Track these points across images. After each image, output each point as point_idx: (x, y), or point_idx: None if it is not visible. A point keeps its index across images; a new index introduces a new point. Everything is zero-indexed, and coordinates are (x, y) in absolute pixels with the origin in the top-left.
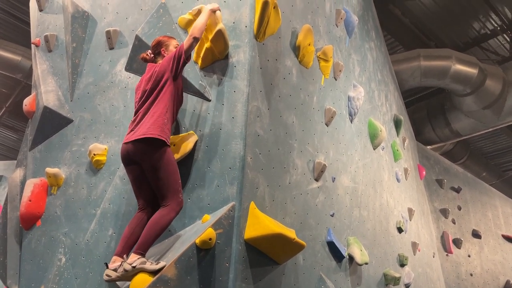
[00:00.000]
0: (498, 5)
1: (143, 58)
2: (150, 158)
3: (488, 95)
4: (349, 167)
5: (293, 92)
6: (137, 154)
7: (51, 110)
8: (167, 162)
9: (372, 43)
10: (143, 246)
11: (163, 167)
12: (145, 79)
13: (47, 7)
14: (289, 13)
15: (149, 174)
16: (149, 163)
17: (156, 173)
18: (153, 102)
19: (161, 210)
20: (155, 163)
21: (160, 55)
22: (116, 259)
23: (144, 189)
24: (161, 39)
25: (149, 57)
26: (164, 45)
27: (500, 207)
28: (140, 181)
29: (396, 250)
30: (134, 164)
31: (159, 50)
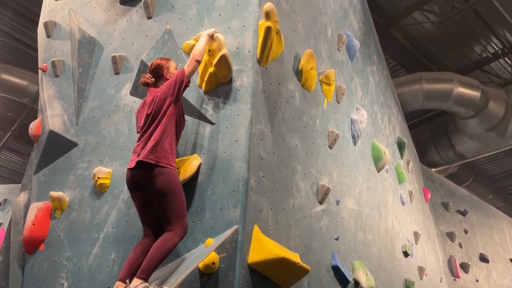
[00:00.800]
0: (499, 29)
1: (145, 83)
2: (155, 183)
3: (491, 117)
4: (353, 189)
5: (296, 115)
6: (143, 179)
7: (57, 134)
8: (173, 186)
9: (374, 66)
10: (147, 270)
11: (169, 191)
12: (147, 103)
13: (54, 33)
14: (292, 38)
15: (155, 198)
16: (155, 188)
17: (162, 197)
18: (156, 127)
19: (166, 235)
20: (161, 187)
21: (162, 78)
22: (120, 284)
23: (150, 215)
24: (160, 62)
25: (151, 81)
26: (165, 68)
27: (507, 230)
28: (146, 207)
29: (402, 274)
30: (140, 189)
31: (161, 73)
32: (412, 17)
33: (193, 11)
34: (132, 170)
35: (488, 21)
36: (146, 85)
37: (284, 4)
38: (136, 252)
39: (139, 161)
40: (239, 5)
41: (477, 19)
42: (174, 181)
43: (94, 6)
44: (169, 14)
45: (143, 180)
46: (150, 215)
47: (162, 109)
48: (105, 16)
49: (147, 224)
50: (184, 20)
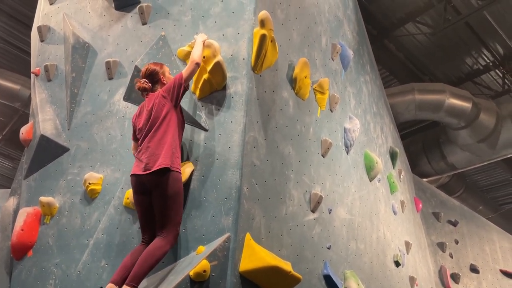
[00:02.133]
0: (490, 41)
1: (142, 88)
2: (164, 186)
3: (482, 128)
4: (345, 198)
5: (289, 123)
6: (152, 183)
7: (48, 139)
8: (179, 192)
9: (367, 76)
10: (137, 278)
11: (173, 196)
12: (146, 109)
13: (48, 37)
14: (286, 47)
15: (158, 201)
16: (162, 191)
17: (166, 201)
18: (159, 132)
19: (158, 241)
20: (169, 192)
21: (159, 83)
22: (112, 286)
23: (152, 220)
24: (155, 67)
25: (148, 86)
26: (160, 73)
27: (497, 241)
28: (149, 214)
29: (393, 284)
30: (147, 194)
31: (157, 78)
32: (405, 29)
33: (188, 18)
34: (143, 177)
35: (480, 33)
36: (143, 90)
37: (279, 13)
38: (134, 257)
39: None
40: (234, 12)
41: (469, 31)
42: (180, 187)
43: (89, 11)
44: (164, 20)
45: (151, 184)
46: (152, 220)
47: (162, 114)
48: (99, 21)
49: (148, 230)
50: (179, 27)
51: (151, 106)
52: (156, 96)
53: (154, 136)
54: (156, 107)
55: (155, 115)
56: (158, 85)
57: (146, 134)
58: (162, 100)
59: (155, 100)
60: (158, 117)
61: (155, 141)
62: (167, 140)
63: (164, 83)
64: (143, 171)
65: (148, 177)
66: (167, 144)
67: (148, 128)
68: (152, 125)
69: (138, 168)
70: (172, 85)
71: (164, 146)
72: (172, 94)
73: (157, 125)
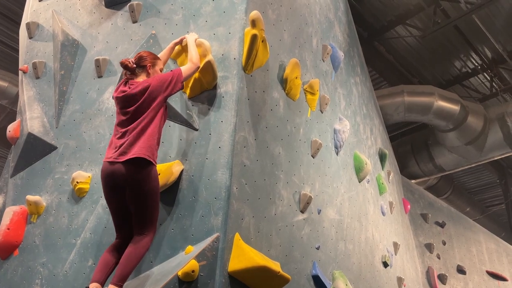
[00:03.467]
0: (478, 45)
1: (124, 65)
2: (139, 181)
3: (470, 131)
4: (334, 199)
5: (280, 123)
6: (126, 176)
7: (35, 137)
8: (154, 189)
9: (358, 78)
10: (123, 277)
11: (150, 193)
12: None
13: (37, 34)
14: (277, 47)
15: (134, 198)
16: (137, 187)
17: (142, 198)
18: (144, 121)
19: (140, 239)
20: (143, 187)
21: (144, 70)
22: (98, 286)
23: (126, 217)
24: (148, 55)
25: (131, 65)
26: (150, 62)
27: (484, 242)
28: (123, 210)
29: (381, 285)
30: (118, 189)
31: (143, 65)
32: (395, 31)
33: (179, 17)
34: (114, 165)
35: (468, 37)
36: (125, 67)
37: (271, 13)
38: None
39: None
40: (225, 12)
41: (457, 35)
42: (156, 182)
43: (79, 8)
44: (155, 19)
45: (126, 176)
46: (126, 217)
47: (152, 105)
48: (89, 19)
49: (123, 227)
50: (169, 25)
51: (138, 92)
52: (142, 84)
53: (139, 126)
54: (146, 96)
55: (144, 105)
56: (142, 71)
57: (129, 121)
58: (154, 91)
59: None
60: (147, 107)
61: (140, 130)
62: (151, 131)
63: (149, 73)
64: (116, 157)
65: (122, 167)
66: (149, 135)
67: (134, 116)
68: (138, 114)
69: (111, 153)
70: (170, 79)
71: (146, 137)
72: (167, 87)
73: (145, 116)
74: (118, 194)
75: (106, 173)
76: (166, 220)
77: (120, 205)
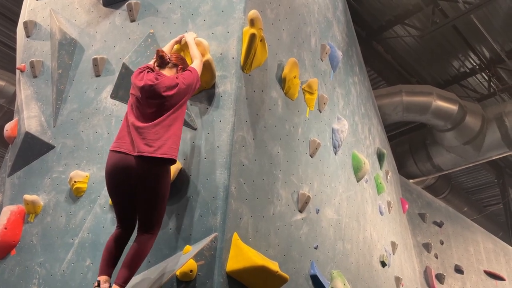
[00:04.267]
0: (477, 45)
1: (160, 55)
2: (158, 179)
3: (468, 131)
4: (333, 199)
5: (278, 123)
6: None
7: (33, 136)
8: (168, 188)
9: (356, 77)
10: (128, 278)
11: (163, 193)
12: (163, 85)
13: (34, 33)
14: (276, 47)
15: (148, 196)
16: (154, 185)
17: (156, 197)
18: (170, 118)
19: (145, 239)
20: (160, 186)
21: (172, 68)
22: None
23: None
24: (185, 61)
25: (166, 58)
26: (184, 66)
27: (481, 242)
28: (128, 203)
29: (379, 284)
30: (126, 185)
31: (178, 64)
32: (394, 31)
33: (178, 16)
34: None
35: (467, 37)
36: (160, 58)
37: (269, 13)
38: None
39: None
40: (224, 11)
41: (456, 34)
42: (169, 183)
43: (76, 7)
44: (153, 18)
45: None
46: (130, 210)
47: (180, 102)
48: (87, 18)
49: (125, 218)
50: (168, 24)
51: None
52: (177, 79)
53: (164, 121)
54: (177, 91)
55: (172, 100)
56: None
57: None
58: (184, 88)
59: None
60: (175, 103)
61: (165, 126)
62: (176, 129)
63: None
64: (140, 150)
65: (142, 162)
66: (176, 133)
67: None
68: (164, 108)
69: (127, 146)
70: (196, 81)
71: (175, 136)
72: (193, 88)
73: (172, 111)
74: (126, 187)
75: (117, 165)
76: (164, 220)
77: (126, 198)
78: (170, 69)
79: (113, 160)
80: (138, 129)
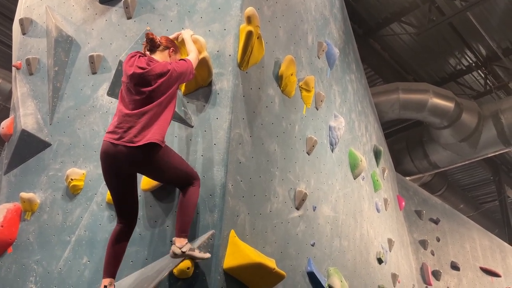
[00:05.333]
0: (473, 42)
1: (150, 38)
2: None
3: (464, 128)
4: (330, 196)
5: (275, 120)
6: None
7: (29, 134)
8: (169, 160)
9: (353, 75)
10: (185, 228)
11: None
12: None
13: (30, 30)
14: (273, 44)
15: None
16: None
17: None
18: (160, 106)
19: (187, 190)
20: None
21: (164, 51)
22: (112, 281)
23: (128, 202)
24: (175, 44)
25: (157, 41)
26: (175, 49)
27: (477, 239)
28: (126, 193)
29: (376, 281)
30: (120, 176)
31: (169, 46)
32: (390, 28)
33: (174, 13)
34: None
35: (463, 34)
36: (150, 41)
37: (266, 10)
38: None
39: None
40: (220, 8)
41: (452, 32)
42: (168, 154)
43: (72, 4)
44: (150, 15)
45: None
46: (129, 201)
47: (170, 90)
48: (83, 15)
49: (125, 212)
50: (164, 22)
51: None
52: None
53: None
54: (167, 78)
55: (162, 87)
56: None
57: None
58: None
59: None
60: (165, 91)
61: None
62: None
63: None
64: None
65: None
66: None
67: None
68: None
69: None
70: (191, 69)
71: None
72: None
73: (162, 99)
74: (120, 179)
75: (108, 154)
76: (161, 217)
77: (122, 189)
78: (161, 52)
79: (103, 149)
80: (126, 117)
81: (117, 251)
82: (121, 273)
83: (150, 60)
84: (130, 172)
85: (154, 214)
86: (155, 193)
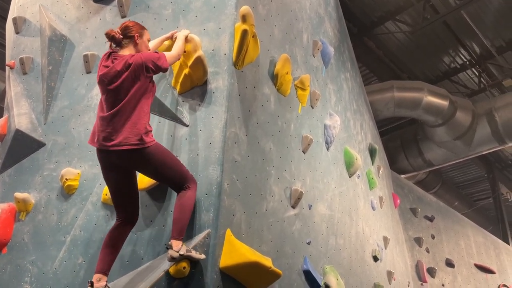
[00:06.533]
0: (467, 41)
1: (111, 37)
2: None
3: (458, 126)
4: (325, 194)
5: (270, 119)
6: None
7: (23, 133)
8: (164, 157)
9: (348, 73)
10: (181, 230)
11: (162, 164)
12: (115, 69)
13: (24, 29)
14: (268, 43)
15: (151, 175)
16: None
17: (158, 171)
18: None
19: (183, 193)
20: (150, 165)
21: (130, 42)
22: (102, 277)
23: (125, 197)
24: (135, 25)
25: (118, 36)
26: (138, 32)
27: (472, 236)
28: (122, 189)
29: (372, 279)
30: (116, 170)
31: (132, 35)
32: (385, 27)
33: (169, 12)
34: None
35: (457, 33)
36: (111, 39)
37: (261, 8)
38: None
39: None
40: (215, 7)
41: (446, 30)
42: (162, 152)
43: (66, 3)
44: (144, 14)
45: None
46: (125, 197)
47: (137, 84)
48: (77, 14)
49: (122, 208)
50: (159, 20)
51: (122, 67)
52: (126, 59)
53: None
54: (130, 73)
55: (126, 83)
56: (129, 42)
57: (112, 102)
58: (138, 68)
59: (126, 63)
60: (131, 85)
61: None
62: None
63: (137, 43)
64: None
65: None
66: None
67: (115, 95)
68: (120, 92)
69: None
70: (158, 57)
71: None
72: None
73: (129, 96)
74: (115, 175)
75: (103, 159)
76: (157, 217)
77: (119, 187)
78: (128, 45)
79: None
80: (101, 120)
81: (111, 248)
82: (117, 273)
83: (115, 58)
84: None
85: (150, 213)
86: (150, 193)
